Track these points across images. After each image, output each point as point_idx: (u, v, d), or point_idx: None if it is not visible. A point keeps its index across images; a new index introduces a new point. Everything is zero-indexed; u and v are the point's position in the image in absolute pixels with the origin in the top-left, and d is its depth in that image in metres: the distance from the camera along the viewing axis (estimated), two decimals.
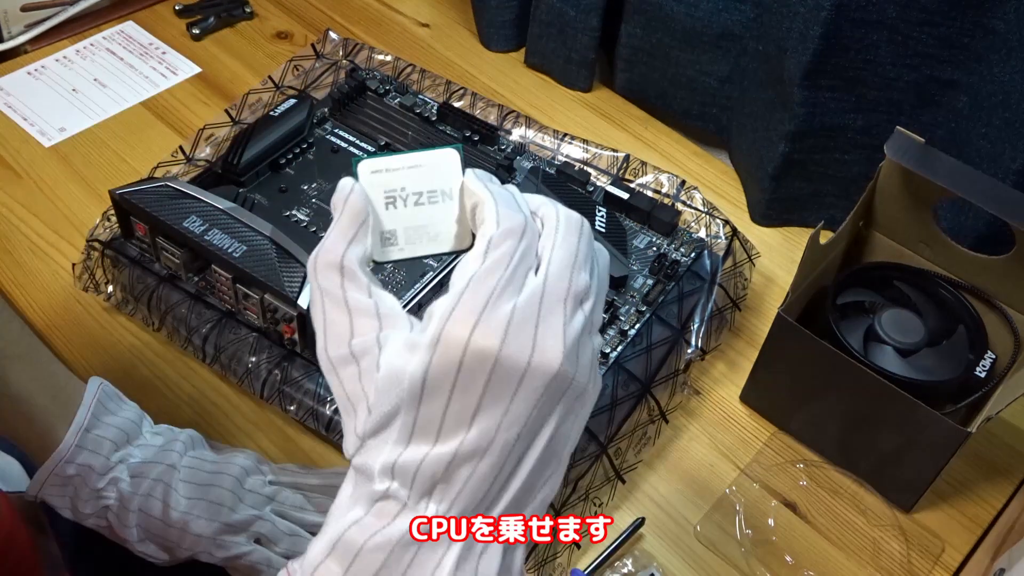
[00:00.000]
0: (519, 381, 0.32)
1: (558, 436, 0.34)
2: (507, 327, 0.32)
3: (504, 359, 0.32)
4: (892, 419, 0.62)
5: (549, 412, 0.33)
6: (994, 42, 0.68)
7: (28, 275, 0.75)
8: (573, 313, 0.33)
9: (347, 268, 0.34)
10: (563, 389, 0.33)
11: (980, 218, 0.72)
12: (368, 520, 0.33)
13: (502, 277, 0.33)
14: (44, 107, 0.88)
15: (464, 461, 0.32)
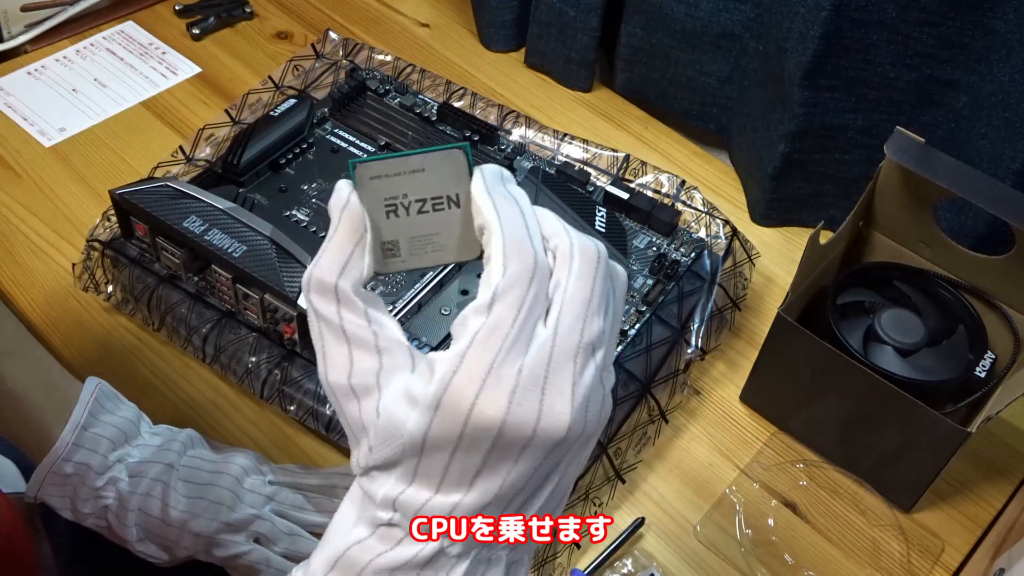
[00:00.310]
0: (523, 448, 0.31)
1: (562, 483, 0.33)
2: (512, 393, 0.30)
3: (509, 427, 0.30)
4: (892, 419, 0.62)
5: (554, 467, 0.32)
6: (994, 42, 0.68)
7: (28, 275, 0.75)
8: (584, 367, 0.31)
9: (343, 293, 0.32)
10: (570, 446, 0.32)
11: (980, 218, 0.72)
12: (371, 542, 0.33)
13: (508, 335, 0.30)
14: (44, 107, 0.88)
15: (466, 512, 0.32)
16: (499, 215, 0.32)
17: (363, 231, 0.33)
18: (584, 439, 0.32)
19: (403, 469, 0.32)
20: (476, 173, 0.33)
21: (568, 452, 0.32)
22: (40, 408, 0.55)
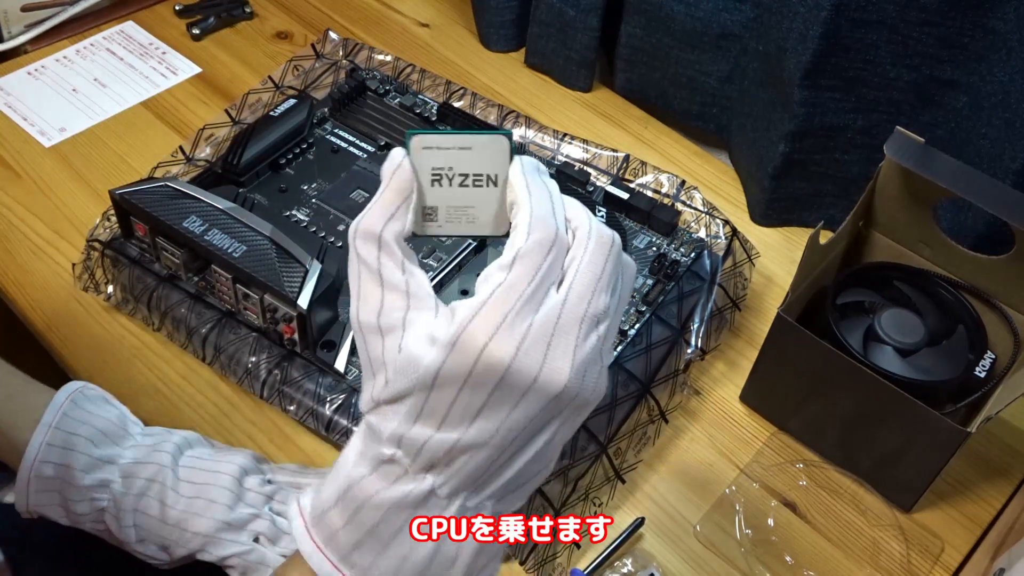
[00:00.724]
0: (523, 393, 0.34)
1: (554, 442, 0.37)
2: (521, 343, 0.33)
3: (513, 372, 0.33)
4: (892, 419, 0.62)
5: (547, 421, 0.35)
6: (994, 42, 0.68)
7: (28, 275, 0.75)
8: (587, 334, 0.35)
9: (385, 241, 0.36)
10: (565, 404, 0.35)
11: (980, 218, 0.72)
12: (372, 479, 0.36)
13: (524, 292, 0.34)
14: (44, 107, 0.88)
15: (463, 451, 0.35)
16: (530, 194, 0.36)
17: (410, 192, 0.37)
18: (578, 404, 0.35)
19: (412, 403, 0.35)
20: (516, 159, 0.37)
21: (562, 412, 0.35)
22: (12, 415, 0.56)
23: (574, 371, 0.34)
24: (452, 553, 0.36)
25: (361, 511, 0.36)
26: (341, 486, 0.36)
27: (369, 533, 0.36)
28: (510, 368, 0.33)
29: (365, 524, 0.36)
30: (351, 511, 0.36)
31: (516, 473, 0.36)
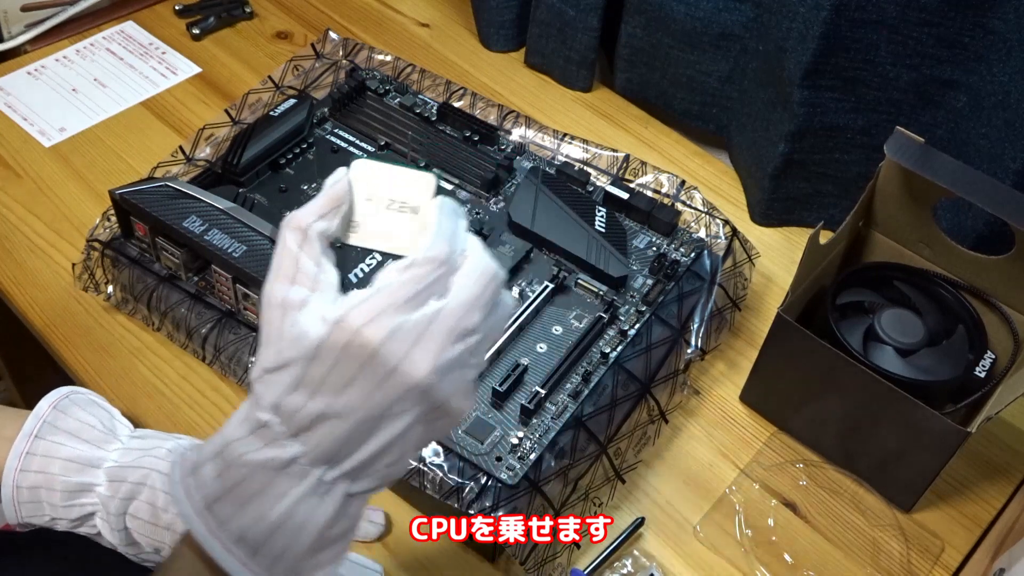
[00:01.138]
0: (385, 377, 0.38)
1: (409, 433, 0.40)
2: (391, 333, 0.38)
3: (380, 355, 0.38)
4: (892, 419, 0.62)
5: (404, 411, 0.39)
6: (994, 42, 0.68)
7: (28, 275, 0.75)
8: (454, 343, 0.39)
9: (308, 236, 0.41)
10: (422, 400, 0.39)
11: (980, 218, 0.72)
12: (246, 440, 0.39)
13: (408, 293, 0.39)
14: (44, 107, 0.88)
15: (328, 420, 0.39)
16: (439, 223, 0.41)
17: (341, 203, 0.43)
18: (438, 407, 0.40)
19: (293, 372, 0.39)
20: (439, 197, 0.43)
21: (420, 408, 0.39)
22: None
23: (434, 370, 0.39)
24: (302, 519, 0.39)
25: (231, 468, 0.39)
26: (219, 444, 0.40)
27: (233, 489, 0.39)
28: (378, 351, 0.38)
29: (231, 480, 0.39)
30: (222, 467, 0.39)
31: (370, 455, 0.39)
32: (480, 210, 0.73)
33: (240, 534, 0.39)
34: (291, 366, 0.39)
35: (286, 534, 0.39)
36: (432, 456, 0.58)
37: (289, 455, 0.39)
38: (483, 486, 0.57)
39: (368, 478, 0.40)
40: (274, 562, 0.39)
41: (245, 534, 0.39)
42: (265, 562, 0.39)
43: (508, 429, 0.60)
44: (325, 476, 0.39)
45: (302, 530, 0.39)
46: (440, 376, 0.39)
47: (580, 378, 0.63)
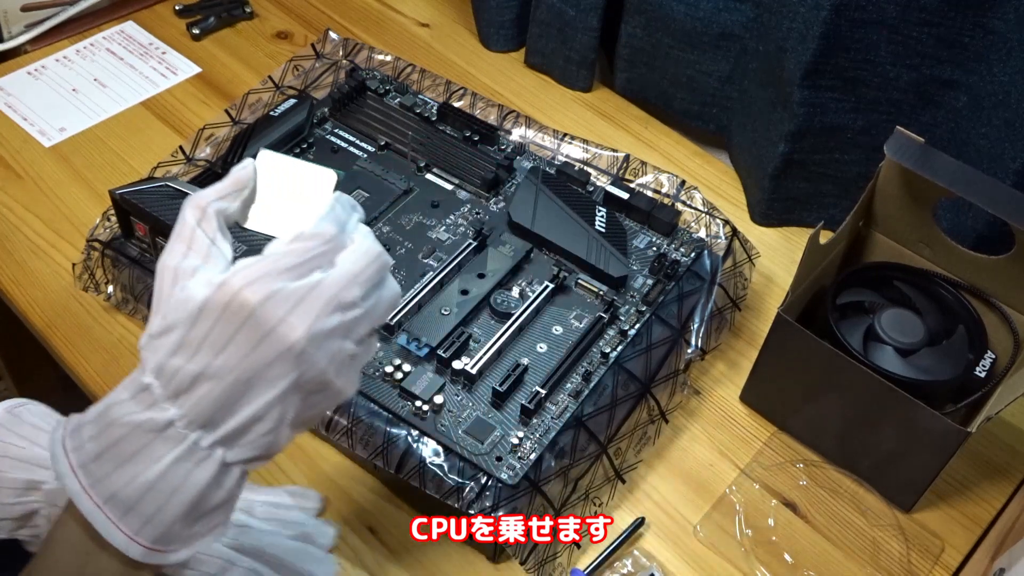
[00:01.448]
0: (261, 338, 0.39)
1: (285, 402, 0.41)
2: (270, 295, 0.39)
3: (258, 316, 0.39)
4: (892, 419, 0.62)
5: (279, 376, 0.40)
6: (994, 42, 0.68)
7: (28, 275, 0.75)
8: (330, 313, 0.41)
9: (208, 213, 0.43)
10: (297, 365, 0.40)
11: (980, 218, 0.72)
12: (127, 403, 0.40)
13: (291, 262, 0.41)
14: (44, 107, 0.88)
15: (205, 380, 0.39)
16: (332, 209, 0.44)
17: (244, 187, 0.45)
18: (313, 376, 0.41)
19: (177, 336, 0.40)
20: (337, 193, 0.45)
21: (296, 376, 0.40)
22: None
23: (309, 335, 0.40)
24: (176, 483, 0.40)
25: (110, 428, 0.40)
26: (101, 407, 0.41)
27: (110, 448, 0.40)
28: (256, 312, 0.39)
29: (108, 441, 0.40)
30: (102, 427, 0.40)
31: (245, 420, 0.40)
32: (480, 210, 0.73)
33: (112, 493, 0.39)
34: (175, 329, 0.40)
35: (159, 497, 0.40)
36: (432, 456, 0.58)
37: (166, 418, 0.40)
38: (483, 486, 0.57)
39: (244, 446, 0.41)
40: (145, 524, 0.40)
41: (117, 493, 0.39)
42: (136, 524, 0.40)
43: (508, 429, 0.60)
44: (201, 441, 0.40)
45: (176, 494, 0.40)
46: (316, 344, 0.40)
47: (580, 378, 0.63)
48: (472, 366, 0.61)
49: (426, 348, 0.63)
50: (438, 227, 0.72)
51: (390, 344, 0.63)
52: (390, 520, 0.62)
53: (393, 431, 0.59)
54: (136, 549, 0.40)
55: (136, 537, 0.40)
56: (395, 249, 0.70)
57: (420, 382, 0.61)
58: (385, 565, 0.60)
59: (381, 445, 0.59)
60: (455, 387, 0.62)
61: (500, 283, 0.68)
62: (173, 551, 0.41)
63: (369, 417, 0.60)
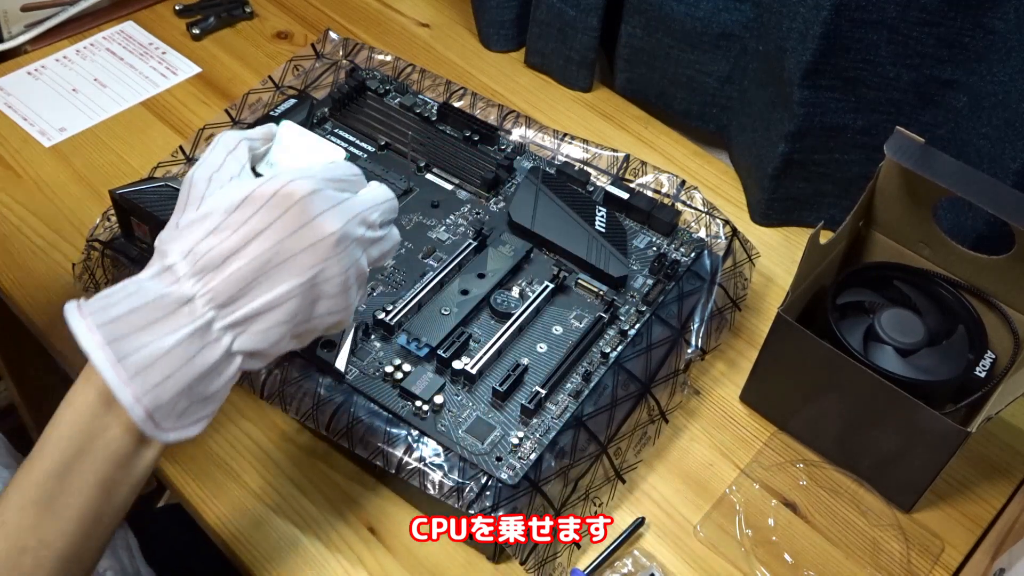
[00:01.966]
0: (301, 226, 0.44)
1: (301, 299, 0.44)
2: (316, 191, 0.45)
3: (302, 206, 0.44)
4: (892, 419, 0.62)
5: (306, 266, 0.44)
6: (994, 42, 0.68)
7: (28, 275, 0.75)
8: (358, 225, 0.46)
9: (240, 145, 0.48)
10: (324, 259, 0.44)
11: (980, 218, 0.72)
12: (149, 280, 0.43)
13: (332, 175, 0.47)
14: (44, 107, 0.88)
15: (235, 259, 0.43)
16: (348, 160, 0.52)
17: (270, 138, 0.52)
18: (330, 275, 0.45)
19: (214, 220, 0.44)
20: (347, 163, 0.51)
21: (321, 267, 0.44)
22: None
23: (342, 233, 0.45)
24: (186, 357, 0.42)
25: (129, 298, 0.42)
26: (118, 285, 0.43)
27: (129, 314, 0.41)
28: (300, 202, 0.44)
29: (128, 307, 0.42)
30: (121, 296, 0.42)
31: (259, 306, 0.44)
32: (480, 210, 0.73)
33: (125, 354, 0.41)
34: (212, 216, 0.44)
35: (166, 368, 0.41)
36: (432, 456, 0.58)
37: (188, 293, 0.42)
38: (483, 486, 0.57)
39: (251, 335, 0.44)
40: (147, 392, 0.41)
41: (130, 356, 0.41)
42: (140, 389, 0.41)
43: (508, 429, 0.60)
44: (215, 322, 0.43)
45: (182, 370, 0.42)
46: (343, 245, 0.45)
47: (580, 378, 0.63)
48: (472, 366, 0.61)
49: (426, 348, 0.63)
50: (438, 227, 0.72)
51: (390, 344, 0.63)
52: (390, 520, 0.62)
53: (393, 431, 0.59)
54: (139, 411, 0.41)
55: (139, 402, 0.41)
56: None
57: (420, 382, 0.61)
58: (385, 565, 0.60)
59: (381, 445, 0.59)
60: (455, 387, 0.62)
61: (500, 283, 0.68)
62: (162, 430, 0.42)
63: (369, 417, 0.60)
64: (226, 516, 0.62)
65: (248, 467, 0.64)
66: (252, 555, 0.60)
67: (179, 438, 0.43)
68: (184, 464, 0.64)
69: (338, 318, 0.47)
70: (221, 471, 0.64)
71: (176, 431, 0.43)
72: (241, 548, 0.60)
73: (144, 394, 0.41)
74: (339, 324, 0.48)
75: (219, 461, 0.64)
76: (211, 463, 0.64)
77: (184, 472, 0.64)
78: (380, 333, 0.64)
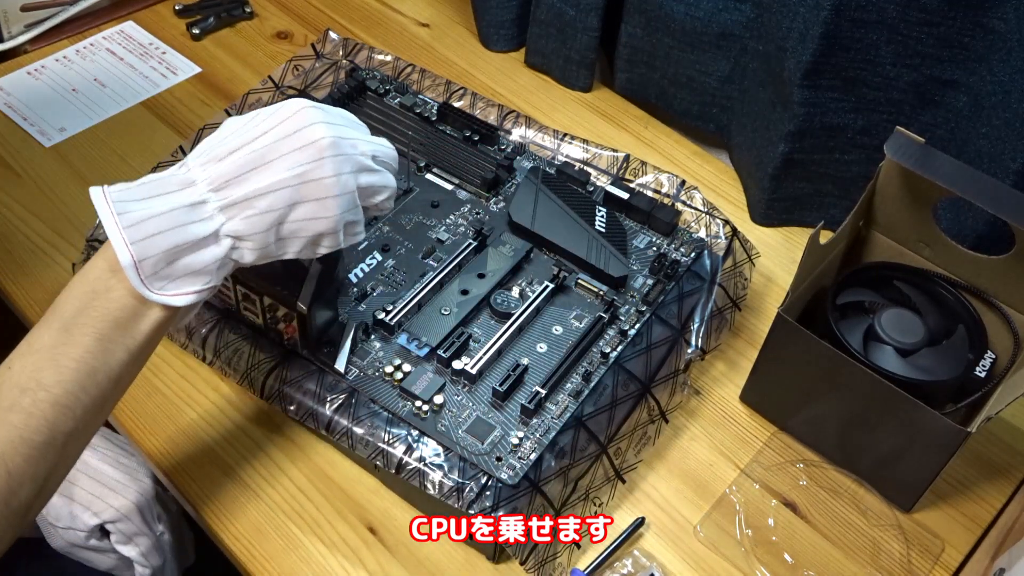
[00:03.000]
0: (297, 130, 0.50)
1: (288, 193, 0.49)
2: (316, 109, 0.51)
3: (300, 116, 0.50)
4: (892, 419, 0.62)
5: (296, 163, 0.49)
6: (994, 42, 0.68)
7: (28, 275, 0.75)
8: (348, 145, 0.52)
9: None
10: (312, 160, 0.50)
11: (980, 218, 0.72)
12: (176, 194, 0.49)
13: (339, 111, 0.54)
14: (44, 107, 0.88)
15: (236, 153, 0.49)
16: None
17: None
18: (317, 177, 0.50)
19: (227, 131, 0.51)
20: None
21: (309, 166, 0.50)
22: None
23: (328, 142, 0.50)
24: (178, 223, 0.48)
25: (146, 180, 0.49)
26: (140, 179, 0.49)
27: (139, 187, 0.48)
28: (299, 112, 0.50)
29: (140, 183, 0.49)
30: (141, 180, 0.49)
31: (250, 191, 0.49)
32: (480, 210, 0.73)
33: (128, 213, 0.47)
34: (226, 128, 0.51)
35: (159, 225, 0.47)
36: (432, 456, 0.58)
37: (192, 177, 0.49)
38: (483, 486, 0.57)
39: (240, 220, 0.49)
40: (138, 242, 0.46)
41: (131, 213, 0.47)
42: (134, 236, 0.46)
43: (508, 429, 0.60)
44: (209, 202, 0.49)
45: (171, 232, 0.47)
46: (333, 152, 0.50)
47: (580, 378, 0.63)
48: (472, 366, 0.61)
49: (426, 348, 0.63)
50: (438, 227, 0.72)
51: (390, 344, 0.63)
52: (390, 520, 0.62)
53: (393, 431, 0.59)
54: (127, 256, 0.46)
55: (128, 248, 0.46)
56: (395, 249, 0.70)
57: (420, 382, 0.61)
58: (385, 565, 0.60)
59: (381, 445, 0.59)
60: (455, 387, 0.62)
61: (500, 283, 0.68)
62: (148, 288, 0.47)
63: (369, 417, 0.60)
64: (226, 515, 0.62)
65: (248, 467, 0.64)
66: (252, 555, 0.60)
67: (164, 301, 0.48)
68: (184, 464, 0.64)
69: (322, 227, 0.51)
70: (221, 471, 0.64)
71: (162, 293, 0.48)
72: (241, 548, 0.60)
73: (134, 242, 0.46)
74: (323, 237, 0.52)
75: (219, 461, 0.64)
76: (211, 463, 0.64)
77: (184, 472, 0.64)
78: (380, 333, 0.64)
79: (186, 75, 0.93)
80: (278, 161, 0.49)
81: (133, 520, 0.62)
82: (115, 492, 0.62)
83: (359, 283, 0.67)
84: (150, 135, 0.87)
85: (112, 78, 0.92)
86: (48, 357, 0.46)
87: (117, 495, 0.62)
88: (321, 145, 0.50)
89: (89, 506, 0.61)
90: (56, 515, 0.62)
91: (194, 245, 0.48)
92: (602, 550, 0.61)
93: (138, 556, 0.63)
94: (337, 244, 0.53)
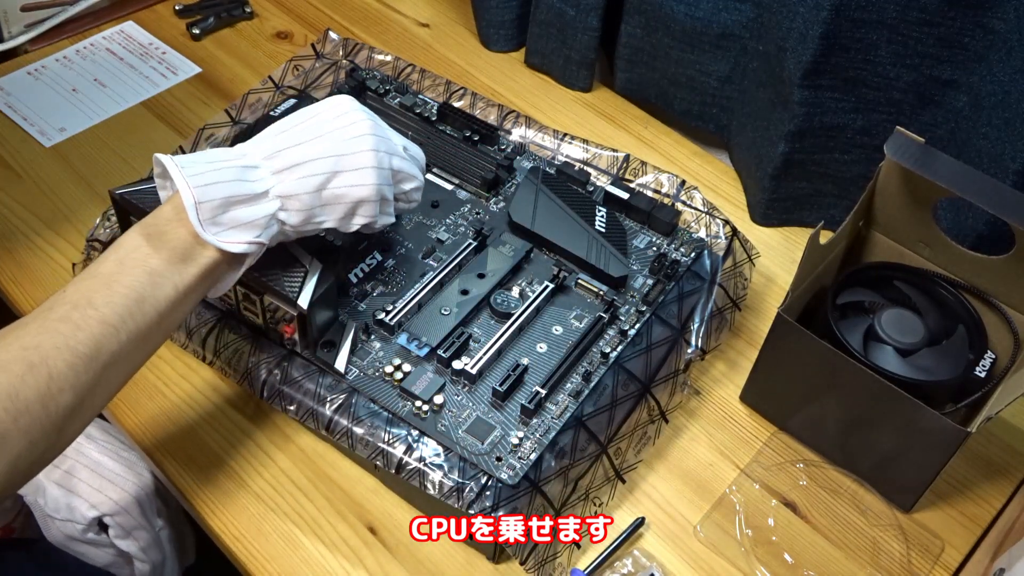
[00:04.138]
0: (340, 115, 0.58)
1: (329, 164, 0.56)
2: (361, 108, 0.59)
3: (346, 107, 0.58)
4: (892, 419, 0.62)
5: (336, 141, 0.56)
6: (994, 42, 0.68)
7: (28, 275, 0.75)
8: (384, 138, 0.59)
9: None
10: (351, 136, 0.57)
11: (980, 218, 0.72)
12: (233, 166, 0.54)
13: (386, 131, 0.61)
14: (44, 107, 0.88)
15: (285, 133, 0.57)
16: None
17: None
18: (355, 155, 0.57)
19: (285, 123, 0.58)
20: None
21: (351, 145, 0.57)
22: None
23: (367, 130, 0.57)
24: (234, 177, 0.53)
25: (206, 152, 0.55)
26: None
27: (201, 156, 0.54)
28: (343, 105, 0.58)
29: (203, 153, 0.55)
30: (200, 153, 0.55)
31: (295, 159, 0.55)
32: (480, 210, 0.73)
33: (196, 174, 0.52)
34: (283, 123, 0.58)
35: (217, 176, 0.52)
36: (432, 456, 0.58)
37: (248, 151, 0.56)
38: (483, 486, 0.57)
39: (287, 182, 0.55)
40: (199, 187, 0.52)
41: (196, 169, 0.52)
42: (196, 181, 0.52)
43: (508, 429, 0.60)
44: (263, 167, 0.55)
45: (227, 184, 0.52)
46: (369, 139, 0.57)
47: (580, 378, 0.63)
48: (472, 366, 0.61)
49: (426, 348, 0.63)
50: (438, 227, 0.72)
51: (390, 344, 0.63)
52: (390, 520, 0.62)
53: (393, 431, 0.59)
54: (189, 197, 0.51)
55: (190, 188, 0.51)
56: (395, 249, 0.70)
57: (420, 382, 0.61)
58: (385, 565, 0.60)
59: (381, 445, 0.59)
60: (455, 387, 0.62)
61: (500, 283, 0.68)
62: (204, 229, 0.52)
63: (369, 417, 0.60)
64: (226, 516, 0.62)
65: (248, 467, 0.64)
66: (252, 555, 0.60)
67: (217, 243, 0.52)
68: (185, 464, 0.64)
69: (362, 193, 0.57)
70: (221, 471, 0.64)
71: (216, 237, 0.52)
72: (241, 548, 0.60)
73: (196, 187, 0.51)
74: (361, 205, 0.57)
75: (219, 461, 0.64)
76: (211, 463, 0.64)
77: (185, 472, 0.64)
78: (380, 333, 0.64)
79: (186, 75, 0.93)
80: (323, 137, 0.56)
81: (132, 513, 0.62)
82: (114, 484, 0.62)
83: (359, 283, 0.67)
84: (150, 135, 0.87)
85: (112, 78, 0.92)
86: (103, 282, 0.50)
87: (116, 487, 0.62)
88: (362, 127, 0.57)
89: (88, 498, 0.61)
90: (54, 506, 0.62)
91: (247, 199, 0.53)
92: (602, 550, 0.61)
93: (137, 551, 0.63)
94: (373, 216, 0.58)
